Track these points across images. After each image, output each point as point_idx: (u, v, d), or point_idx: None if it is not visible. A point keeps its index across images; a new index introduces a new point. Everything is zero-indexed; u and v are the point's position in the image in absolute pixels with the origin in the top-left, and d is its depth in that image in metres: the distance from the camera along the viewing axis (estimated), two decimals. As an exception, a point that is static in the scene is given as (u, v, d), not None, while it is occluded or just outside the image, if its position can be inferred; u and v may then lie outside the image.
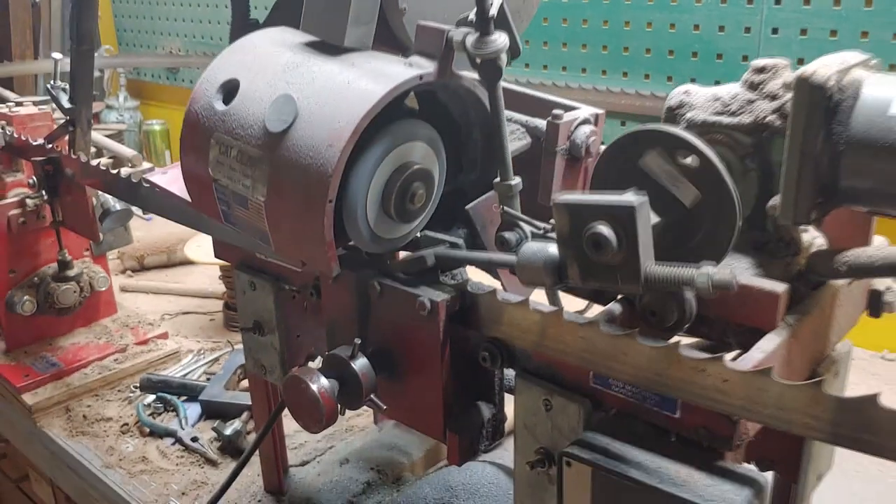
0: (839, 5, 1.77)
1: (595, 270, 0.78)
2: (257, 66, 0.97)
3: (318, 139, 0.86)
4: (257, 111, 0.93)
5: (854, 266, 0.81)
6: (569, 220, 0.79)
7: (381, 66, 0.92)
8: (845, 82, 0.79)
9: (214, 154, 0.97)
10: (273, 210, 0.93)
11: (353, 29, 0.94)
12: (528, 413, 0.92)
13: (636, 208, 0.75)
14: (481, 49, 0.89)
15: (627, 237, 0.76)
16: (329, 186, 0.86)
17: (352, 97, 0.87)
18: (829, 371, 0.95)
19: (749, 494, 0.75)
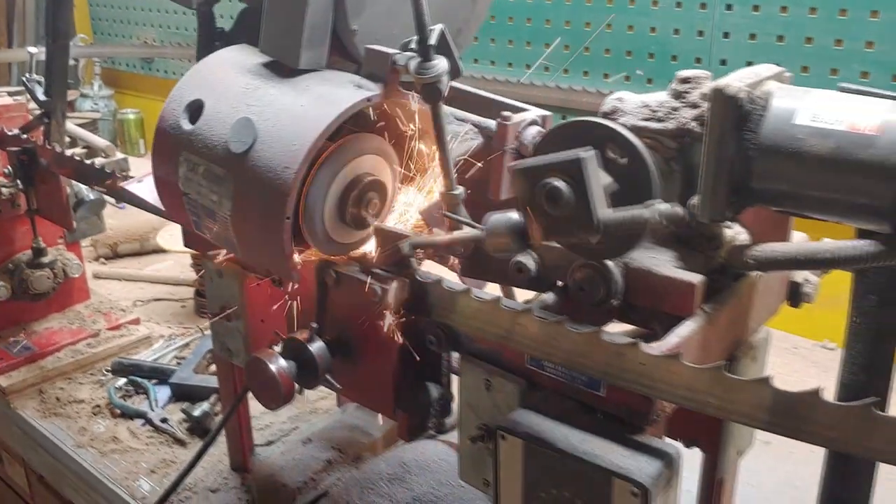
0: (786, 13, 1.87)
1: (555, 226, 0.85)
2: (220, 88, 1.04)
3: (276, 161, 0.94)
4: (221, 132, 1.00)
5: (761, 260, 0.89)
6: (526, 181, 0.86)
7: (332, 90, 0.99)
8: (757, 94, 0.87)
9: (183, 171, 1.04)
10: (238, 224, 1.00)
11: (307, 52, 1.02)
12: (471, 392, 1.00)
13: (584, 160, 0.82)
14: (422, 74, 0.96)
15: (579, 187, 0.83)
16: (287, 205, 0.93)
17: (306, 121, 0.95)
18: (746, 355, 1.04)
19: (660, 465, 0.83)
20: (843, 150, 0.81)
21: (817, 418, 0.73)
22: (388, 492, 1.28)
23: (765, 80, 0.91)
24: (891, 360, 1.01)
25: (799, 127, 0.84)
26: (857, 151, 0.80)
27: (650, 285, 0.93)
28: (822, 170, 0.82)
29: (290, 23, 1.04)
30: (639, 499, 0.81)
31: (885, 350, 1.00)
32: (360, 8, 1.08)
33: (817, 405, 0.73)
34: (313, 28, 1.03)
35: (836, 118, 0.83)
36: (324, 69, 1.07)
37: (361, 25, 1.09)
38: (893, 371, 1.00)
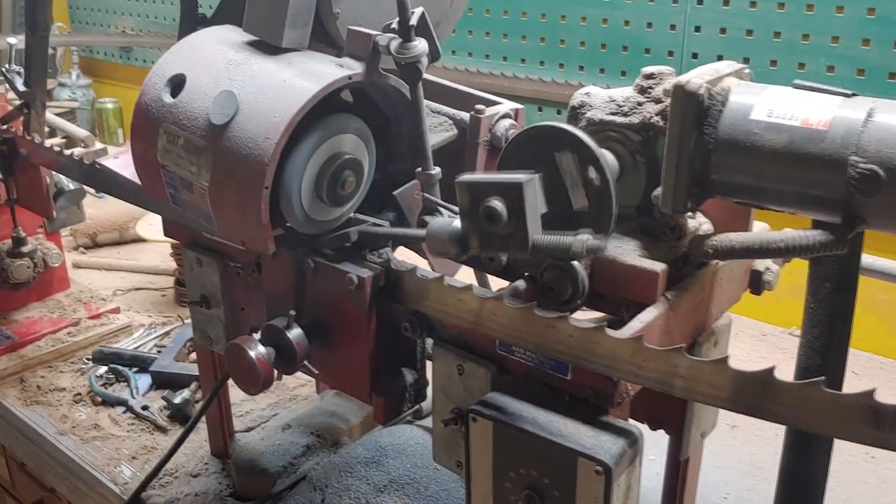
0: (755, 8, 1.91)
1: (491, 240, 0.89)
2: (203, 63, 1.07)
3: (257, 132, 0.97)
4: (202, 104, 1.02)
5: (719, 249, 0.93)
6: (468, 196, 0.90)
7: (314, 66, 1.02)
8: (716, 90, 0.91)
9: (163, 142, 1.06)
10: (216, 194, 1.03)
11: (290, 31, 1.04)
12: (444, 377, 1.04)
13: (524, 185, 0.86)
14: (403, 54, 0.99)
15: (517, 210, 0.87)
16: (266, 174, 0.96)
17: (287, 94, 0.97)
18: (708, 341, 1.08)
19: (623, 443, 0.87)
20: (796, 144, 0.85)
21: (773, 397, 0.77)
22: (365, 475, 1.32)
23: (725, 76, 0.94)
24: (846, 344, 1.06)
25: (755, 122, 0.88)
26: (809, 146, 0.84)
27: (615, 274, 0.97)
28: (776, 163, 0.86)
29: (275, 2, 1.06)
30: (602, 477, 0.85)
31: (839, 334, 1.05)
32: (344, -9, 1.11)
33: (772, 384, 0.77)
34: (297, 8, 1.06)
35: (791, 114, 0.87)
36: (306, 49, 1.10)
37: (343, 9, 1.12)
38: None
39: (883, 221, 0.84)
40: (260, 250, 1.07)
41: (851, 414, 0.71)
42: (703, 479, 1.29)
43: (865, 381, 1.90)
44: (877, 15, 1.75)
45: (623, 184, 1.02)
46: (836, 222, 0.86)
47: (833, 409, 0.72)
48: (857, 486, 1.54)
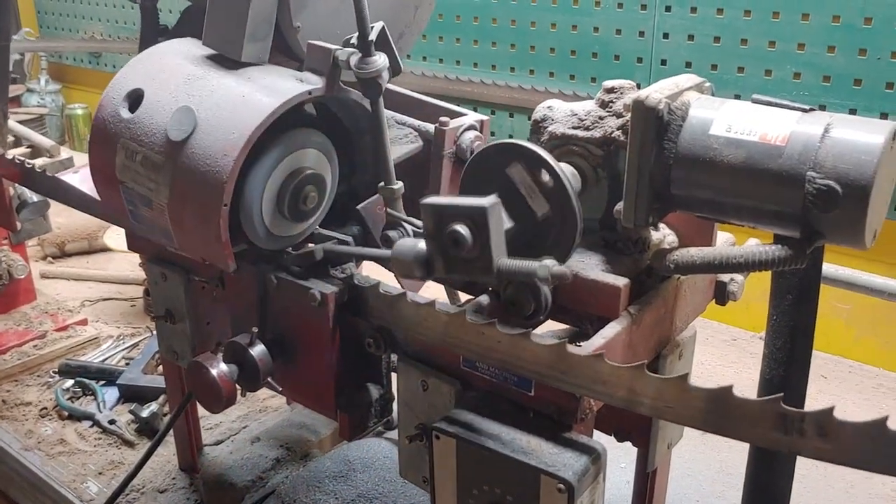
0: (722, 14, 1.92)
1: (456, 264, 0.89)
2: (162, 77, 1.05)
3: (215, 148, 0.96)
4: (160, 120, 1.01)
5: (680, 264, 0.94)
6: (433, 220, 0.89)
7: (274, 81, 1.01)
8: (676, 105, 0.91)
9: (121, 159, 1.05)
10: (175, 211, 1.01)
11: (250, 45, 1.03)
12: (408, 393, 1.03)
13: (488, 210, 0.86)
14: (363, 69, 0.99)
15: (481, 235, 0.86)
16: (224, 192, 0.95)
17: (246, 110, 0.96)
18: (672, 353, 1.08)
19: (587, 460, 0.87)
20: (755, 159, 0.85)
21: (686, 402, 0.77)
22: (333, 489, 1.31)
23: (685, 90, 0.95)
24: (808, 355, 1.06)
25: (714, 137, 0.88)
26: (767, 161, 0.84)
27: (578, 288, 0.97)
28: (735, 178, 0.87)
29: (233, 15, 1.05)
30: (565, 494, 0.84)
31: (802, 345, 1.05)
32: (303, 5, 1.10)
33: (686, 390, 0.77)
34: (257, 22, 1.05)
35: (749, 129, 0.87)
36: (266, 63, 1.09)
37: (304, 22, 1.11)
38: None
39: (840, 236, 0.84)
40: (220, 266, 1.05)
41: (760, 420, 0.71)
42: (674, 487, 1.30)
43: (834, 385, 1.92)
44: (841, 22, 1.76)
45: (586, 198, 1.02)
46: (796, 237, 0.87)
47: (744, 415, 0.72)
48: (825, 490, 1.55)
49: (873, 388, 1.90)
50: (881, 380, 1.93)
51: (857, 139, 0.82)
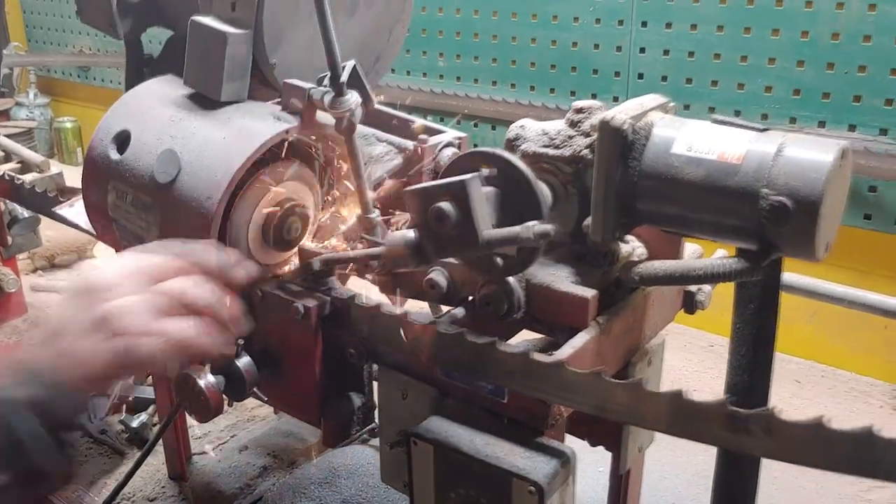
0: (696, 30, 1.98)
1: (446, 243, 0.92)
2: (146, 119, 1.10)
3: (199, 190, 1.00)
4: (147, 162, 1.06)
5: (644, 276, 0.98)
6: (418, 203, 0.93)
7: (251, 122, 1.06)
8: (640, 125, 0.96)
9: (112, 198, 1.10)
10: (166, 249, 1.06)
11: (228, 85, 1.08)
12: (389, 401, 1.08)
13: (467, 182, 0.90)
14: (336, 108, 1.03)
15: (464, 208, 0.90)
16: (210, 230, 1.00)
17: (227, 153, 1.01)
18: (642, 361, 1.13)
19: (556, 464, 0.92)
20: (713, 177, 0.90)
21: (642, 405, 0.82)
22: (318, 495, 1.35)
23: (649, 110, 0.99)
24: (770, 361, 1.11)
25: (676, 156, 0.93)
26: (725, 179, 0.89)
27: (549, 299, 1.02)
28: (695, 195, 0.91)
29: (211, 58, 1.10)
30: (535, 496, 0.89)
31: (764, 353, 1.10)
32: (278, 43, 1.15)
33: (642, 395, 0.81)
34: (233, 63, 1.10)
35: (708, 148, 0.92)
36: (245, 101, 1.13)
37: (280, 59, 1.16)
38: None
39: (793, 249, 0.89)
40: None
41: (712, 421, 0.76)
42: (650, 490, 1.34)
43: (807, 389, 1.98)
44: (810, 37, 1.82)
45: (557, 213, 1.06)
46: (753, 249, 0.91)
47: (695, 416, 0.77)
48: (797, 491, 1.60)
49: (845, 391, 1.95)
50: (853, 384, 1.98)
51: (807, 158, 0.86)
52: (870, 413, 1.88)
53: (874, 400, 1.93)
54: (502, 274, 0.99)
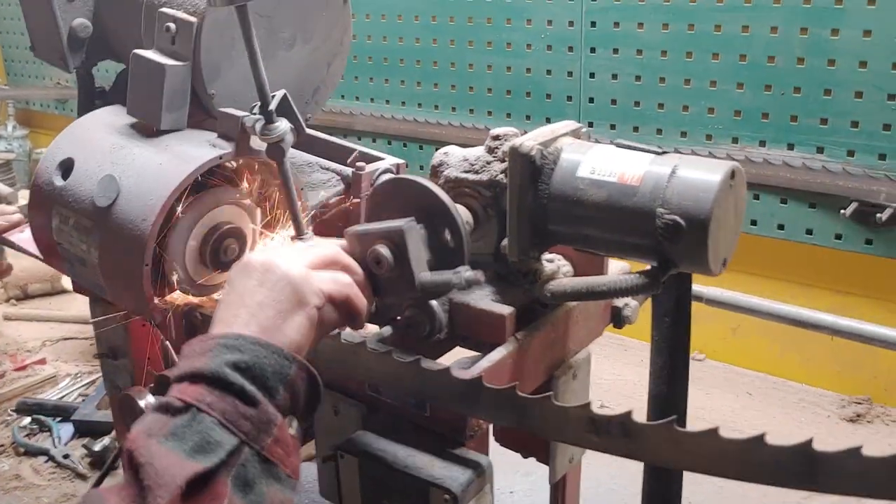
0: (642, 55, 2.04)
1: (384, 286, 0.98)
2: (90, 147, 1.15)
3: (135, 214, 1.06)
4: (89, 187, 1.11)
5: (555, 293, 1.03)
6: (358, 245, 0.99)
7: (188, 149, 1.11)
8: (549, 150, 1.01)
9: (56, 223, 1.15)
10: (105, 270, 1.11)
11: (168, 114, 1.14)
12: (323, 418, 1.12)
13: (405, 230, 0.95)
14: (267, 135, 1.09)
15: (401, 253, 0.96)
16: (145, 253, 1.04)
17: (162, 178, 1.06)
18: (566, 374, 1.18)
19: (471, 473, 0.96)
20: (614, 198, 0.95)
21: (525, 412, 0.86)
22: (267, 512, 1.38)
23: (560, 136, 1.05)
24: (686, 370, 1.16)
25: (580, 178, 0.98)
26: (624, 200, 0.95)
27: (469, 317, 1.07)
28: (599, 215, 0.96)
29: (151, 89, 1.15)
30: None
31: (680, 362, 1.15)
32: (216, 75, 1.20)
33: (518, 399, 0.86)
34: (172, 94, 1.15)
35: (610, 170, 0.97)
36: (185, 129, 1.19)
37: (218, 89, 1.21)
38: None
39: (688, 264, 0.94)
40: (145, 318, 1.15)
41: (576, 424, 0.81)
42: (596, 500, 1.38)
43: (758, 401, 2.03)
44: (748, 61, 1.89)
45: (479, 234, 1.12)
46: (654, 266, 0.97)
47: (562, 420, 0.82)
48: (741, 499, 1.65)
49: (795, 402, 2.00)
50: (803, 395, 2.03)
51: (697, 178, 0.92)
52: (817, 423, 1.93)
53: (822, 410, 1.98)
54: (422, 298, 1.04)
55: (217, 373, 0.78)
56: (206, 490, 0.72)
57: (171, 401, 0.78)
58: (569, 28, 2.14)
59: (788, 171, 1.86)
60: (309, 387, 0.85)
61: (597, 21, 2.09)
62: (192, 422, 0.75)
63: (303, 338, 0.86)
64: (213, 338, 0.82)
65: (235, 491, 0.73)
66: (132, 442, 0.73)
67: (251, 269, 0.87)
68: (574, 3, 2.11)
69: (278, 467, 0.78)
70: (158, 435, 0.74)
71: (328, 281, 0.89)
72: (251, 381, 0.79)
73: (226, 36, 1.19)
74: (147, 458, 0.71)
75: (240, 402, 0.77)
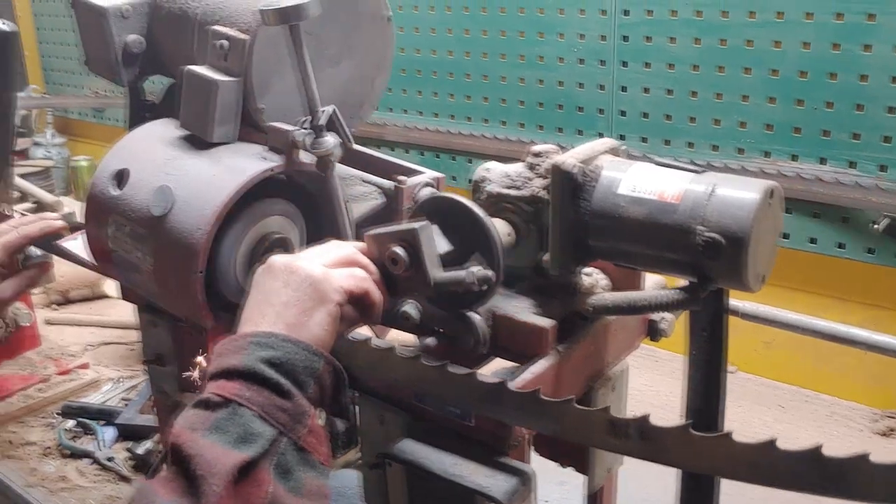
0: (673, 69, 2.07)
1: (400, 284, 1.02)
2: (143, 158, 1.20)
3: (190, 223, 1.10)
4: (143, 197, 1.16)
5: (596, 307, 1.07)
6: (375, 247, 1.03)
7: (239, 161, 1.16)
8: (590, 167, 1.05)
9: (111, 231, 1.20)
10: (159, 277, 1.16)
11: (219, 128, 1.18)
12: (368, 426, 1.16)
13: (418, 230, 0.99)
14: (316, 149, 1.13)
15: (415, 253, 1.00)
16: (198, 261, 1.09)
17: (215, 189, 1.11)
18: (604, 386, 1.20)
19: (516, 481, 0.99)
20: (653, 215, 0.98)
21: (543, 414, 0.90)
22: (309, 517, 1.42)
23: (600, 154, 1.08)
24: (723, 384, 1.18)
25: (621, 196, 1.01)
26: (664, 217, 0.98)
27: (512, 330, 1.10)
28: (639, 232, 1.00)
29: (203, 103, 1.20)
30: (496, 512, 0.96)
31: (717, 377, 1.17)
32: (266, 90, 1.25)
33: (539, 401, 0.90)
34: (223, 108, 1.20)
35: (650, 188, 1.00)
36: (235, 142, 1.23)
37: (268, 104, 1.26)
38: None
39: (726, 280, 0.97)
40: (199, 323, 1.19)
41: (596, 426, 0.85)
42: (622, 506, 1.40)
43: (790, 414, 2.04)
44: (780, 76, 1.91)
45: (519, 248, 1.15)
46: (693, 281, 1.00)
47: (583, 423, 0.86)
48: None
49: (827, 415, 2.01)
50: (835, 408, 2.04)
51: (736, 196, 0.95)
52: (850, 437, 1.94)
53: (854, 424, 1.98)
54: (437, 296, 1.06)
55: (253, 369, 0.83)
56: (251, 477, 0.77)
57: (209, 397, 0.83)
58: (601, 42, 2.17)
59: (821, 185, 1.88)
60: (334, 380, 0.92)
61: (629, 35, 2.12)
62: (233, 415, 0.81)
63: (327, 333, 0.92)
64: (244, 336, 0.88)
65: (277, 478, 0.79)
66: (177, 437, 0.79)
67: (275, 271, 0.93)
68: (606, 18, 2.14)
69: (312, 455, 0.84)
70: (201, 429, 0.80)
71: (346, 277, 0.95)
72: (284, 375, 0.85)
73: (276, 53, 1.23)
74: (196, 451, 0.76)
75: (276, 395, 0.83)
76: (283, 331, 0.88)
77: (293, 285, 0.91)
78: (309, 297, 0.91)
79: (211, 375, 0.86)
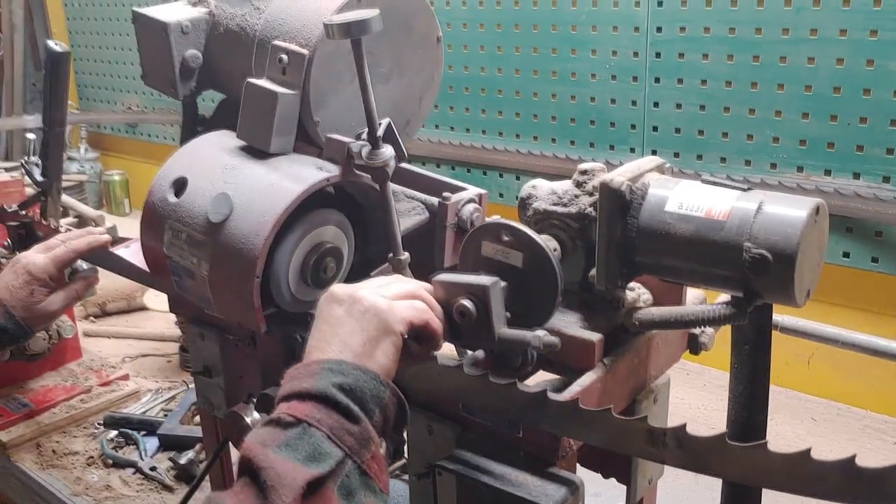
0: (706, 85, 2.09)
1: (463, 332, 1.05)
2: (202, 167, 1.24)
3: (248, 229, 1.13)
4: (201, 204, 1.19)
5: (643, 321, 1.09)
6: (443, 293, 1.06)
7: (297, 169, 1.19)
8: (637, 185, 1.07)
9: (168, 237, 1.23)
10: (214, 282, 1.19)
11: (277, 139, 1.22)
12: (416, 436, 1.19)
13: (489, 287, 1.03)
14: (372, 160, 1.16)
15: (484, 308, 1.03)
16: (256, 266, 1.12)
17: (274, 197, 1.14)
18: (647, 398, 1.23)
19: (566, 491, 1.02)
20: (701, 232, 1.01)
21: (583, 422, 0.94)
22: (353, 526, 1.45)
23: (646, 171, 1.11)
24: (765, 396, 1.20)
25: (668, 213, 1.04)
26: (712, 234, 1.00)
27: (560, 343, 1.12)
28: (686, 248, 1.02)
29: (262, 115, 1.24)
30: (546, 521, 0.99)
31: (760, 390, 1.19)
32: (322, 104, 1.29)
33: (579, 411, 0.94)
34: (282, 120, 1.24)
35: (697, 206, 1.03)
36: (291, 153, 1.27)
37: (323, 117, 1.30)
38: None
39: (774, 295, 0.99)
40: (253, 328, 1.22)
41: (635, 436, 0.88)
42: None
43: (822, 427, 2.04)
44: (813, 91, 1.93)
45: (566, 264, 1.17)
46: (739, 296, 1.02)
47: (622, 432, 0.90)
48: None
49: (860, 429, 2.02)
50: (867, 421, 2.04)
51: (784, 214, 0.97)
52: (884, 449, 1.94)
53: (888, 437, 1.99)
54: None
55: (325, 392, 0.87)
56: (318, 494, 0.81)
57: (282, 416, 0.87)
58: (633, 58, 2.20)
59: (859, 201, 1.89)
60: (397, 410, 0.95)
61: (661, 52, 2.15)
62: (304, 435, 0.84)
63: (391, 363, 0.95)
64: (317, 362, 0.92)
65: (340, 498, 0.82)
66: (248, 450, 0.83)
67: (339, 300, 0.97)
68: (639, 35, 2.17)
69: (374, 481, 0.88)
70: (272, 445, 0.83)
71: (408, 308, 0.98)
72: (354, 401, 0.88)
73: (333, 68, 1.27)
74: (268, 464, 0.80)
75: (345, 419, 0.87)
76: (350, 359, 0.91)
77: (357, 315, 0.95)
78: (374, 327, 0.94)
79: (282, 397, 0.89)
